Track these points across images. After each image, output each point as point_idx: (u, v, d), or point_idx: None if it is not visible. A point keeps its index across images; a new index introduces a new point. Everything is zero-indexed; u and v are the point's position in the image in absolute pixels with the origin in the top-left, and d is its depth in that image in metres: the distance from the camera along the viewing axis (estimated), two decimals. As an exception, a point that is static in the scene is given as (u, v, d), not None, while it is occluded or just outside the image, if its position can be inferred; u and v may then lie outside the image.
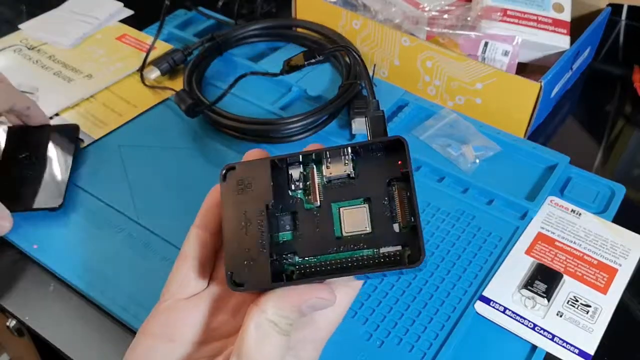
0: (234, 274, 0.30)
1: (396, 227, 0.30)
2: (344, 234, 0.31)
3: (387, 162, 0.32)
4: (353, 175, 0.32)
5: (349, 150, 0.32)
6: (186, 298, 0.32)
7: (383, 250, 0.30)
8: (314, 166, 0.32)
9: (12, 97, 0.50)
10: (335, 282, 0.31)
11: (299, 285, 0.29)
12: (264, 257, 0.30)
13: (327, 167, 0.32)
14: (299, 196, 0.32)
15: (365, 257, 0.30)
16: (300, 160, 0.32)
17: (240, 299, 0.33)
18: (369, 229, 0.31)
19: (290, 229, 0.31)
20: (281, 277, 0.30)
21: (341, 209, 0.31)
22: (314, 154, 0.32)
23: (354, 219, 0.31)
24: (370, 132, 0.34)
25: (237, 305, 0.32)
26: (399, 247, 0.30)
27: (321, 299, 0.29)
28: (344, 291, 0.32)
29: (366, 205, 0.31)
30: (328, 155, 0.32)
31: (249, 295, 0.31)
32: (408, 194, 0.30)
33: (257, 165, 0.31)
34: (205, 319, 0.32)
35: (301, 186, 0.32)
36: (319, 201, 0.31)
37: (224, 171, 0.32)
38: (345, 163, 0.32)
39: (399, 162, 0.32)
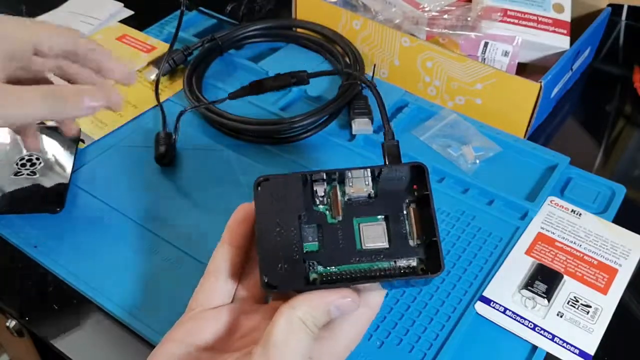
0: (268, 277, 0.32)
1: (411, 242, 0.33)
2: (364, 247, 0.33)
3: (405, 184, 0.35)
4: (373, 195, 0.34)
5: (370, 173, 0.34)
6: (212, 308, 0.34)
7: (399, 263, 0.33)
8: (337, 185, 0.35)
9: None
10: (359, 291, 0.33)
11: (327, 289, 0.31)
12: (299, 263, 0.32)
13: (350, 186, 0.35)
14: (322, 210, 0.34)
15: (382, 268, 0.33)
16: (325, 178, 0.35)
17: (262, 313, 0.34)
18: (386, 244, 0.33)
19: (315, 240, 0.34)
20: (309, 282, 0.32)
21: (361, 224, 0.34)
22: (337, 173, 0.35)
23: (373, 234, 0.34)
24: (386, 158, 0.39)
25: (260, 319, 0.34)
26: (414, 260, 0.33)
27: (347, 299, 0.31)
28: (362, 311, 0.33)
29: (384, 223, 0.34)
30: (351, 176, 0.34)
31: (272, 309, 0.33)
32: (426, 214, 0.33)
33: (290, 179, 0.34)
34: (228, 328, 0.33)
35: (325, 201, 0.35)
36: (340, 216, 0.34)
37: (258, 181, 0.34)
38: (367, 184, 0.35)
39: (414, 187, 0.34)
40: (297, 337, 0.30)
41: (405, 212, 0.34)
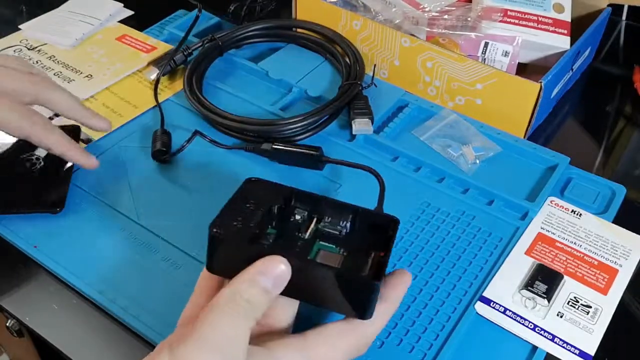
0: (218, 228, 0.33)
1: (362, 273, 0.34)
2: (315, 259, 0.35)
3: (376, 233, 0.36)
4: (345, 233, 0.37)
5: (350, 217, 0.37)
6: None
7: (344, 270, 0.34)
8: (316, 217, 0.37)
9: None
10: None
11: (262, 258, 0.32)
12: (251, 229, 0.34)
13: (327, 221, 0.37)
14: (293, 225, 0.37)
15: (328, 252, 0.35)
16: (307, 211, 0.37)
17: None
18: (336, 267, 0.34)
19: (277, 232, 0.36)
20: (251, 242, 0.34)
21: (322, 250, 0.36)
22: (323, 206, 0.37)
23: (327, 257, 0.35)
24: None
25: None
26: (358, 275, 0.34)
27: (276, 265, 0.31)
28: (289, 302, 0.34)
29: (342, 256, 0.35)
30: (330, 214, 0.37)
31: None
32: (383, 260, 0.34)
33: (278, 186, 0.38)
34: None
35: (299, 222, 0.37)
36: (307, 235, 0.36)
37: (248, 179, 0.38)
38: (343, 225, 0.37)
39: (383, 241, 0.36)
40: (225, 313, 0.29)
41: (367, 253, 0.35)
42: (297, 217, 0.37)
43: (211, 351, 0.28)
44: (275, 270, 0.31)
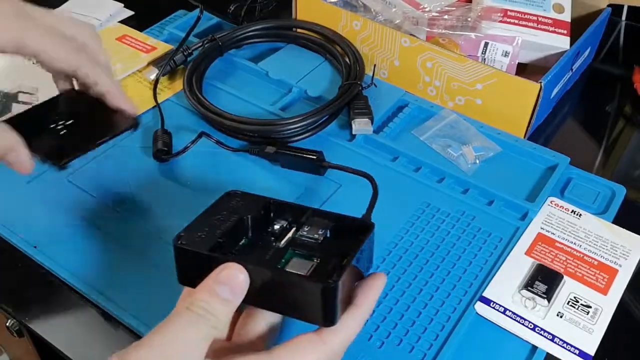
0: (183, 237, 0.34)
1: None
2: (284, 268, 0.34)
3: (352, 240, 0.35)
4: (320, 240, 0.36)
5: (327, 225, 0.36)
6: None
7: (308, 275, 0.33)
8: (294, 228, 0.37)
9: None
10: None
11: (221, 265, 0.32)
12: (216, 238, 0.34)
13: (305, 229, 0.36)
14: (270, 235, 0.37)
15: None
16: (288, 221, 0.37)
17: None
18: (305, 274, 0.33)
19: (246, 241, 0.36)
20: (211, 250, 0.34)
21: (294, 258, 0.35)
22: (301, 216, 0.37)
23: (298, 265, 0.34)
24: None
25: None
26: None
27: (232, 272, 0.31)
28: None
29: (315, 263, 0.34)
30: (309, 222, 0.37)
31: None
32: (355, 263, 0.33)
33: (256, 197, 0.38)
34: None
35: (277, 231, 0.37)
36: (281, 245, 0.36)
37: (227, 192, 0.38)
38: (320, 233, 0.36)
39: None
40: (180, 322, 0.29)
41: (340, 262, 0.34)
42: (276, 227, 0.37)
43: (161, 359, 0.28)
44: (232, 278, 0.31)
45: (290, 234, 0.36)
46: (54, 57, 0.40)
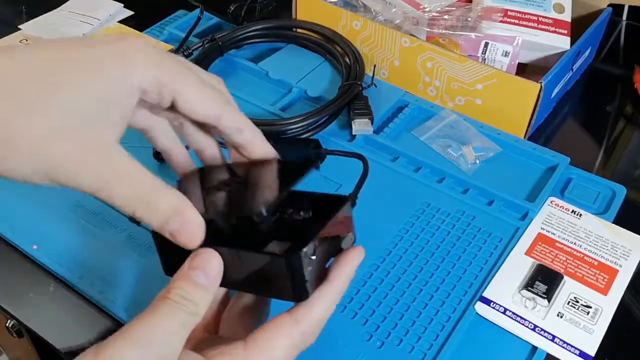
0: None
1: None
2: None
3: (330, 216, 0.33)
4: (301, 220, 0.35)
5: (309, 205, 0.35)
6: None
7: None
8: (276, 210, 0.35)
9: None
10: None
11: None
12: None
13: (288, 212, 0.35)
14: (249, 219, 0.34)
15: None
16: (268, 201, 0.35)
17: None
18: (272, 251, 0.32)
19: (227, 226, 0.34)
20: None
21: (273, 240, 0.33)
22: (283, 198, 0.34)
23: (275, 246, 0.33)
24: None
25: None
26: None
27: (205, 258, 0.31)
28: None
29: (293, 242, 0.32)
30: (292, 205, 0.35)
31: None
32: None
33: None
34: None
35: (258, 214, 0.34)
36: (262, 228, 0.34)
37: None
38: (304, 214, 0.35)
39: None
40: (157, 311, 0.29)
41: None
42: (258, 210, 0.34)
43: (137, 347, 0.27)
44: (206, 263, 0.31)
45: (271, 216, 0.35)
46: (198, 100, 0.32)
